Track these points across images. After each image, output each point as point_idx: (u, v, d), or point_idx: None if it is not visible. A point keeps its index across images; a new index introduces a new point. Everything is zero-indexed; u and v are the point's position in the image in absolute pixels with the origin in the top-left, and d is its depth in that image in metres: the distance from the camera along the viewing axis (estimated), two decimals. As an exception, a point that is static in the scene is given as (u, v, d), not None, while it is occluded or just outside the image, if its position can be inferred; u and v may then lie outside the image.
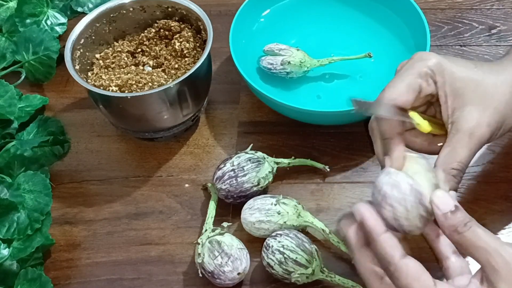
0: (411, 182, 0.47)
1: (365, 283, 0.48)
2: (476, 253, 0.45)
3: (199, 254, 0.60)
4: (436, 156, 0.53)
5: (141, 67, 0.73)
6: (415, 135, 0.54)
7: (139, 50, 0.75)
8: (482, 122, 0.51)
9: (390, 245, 0.46)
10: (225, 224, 0.62)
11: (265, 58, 0.74)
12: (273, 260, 0.58)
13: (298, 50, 0.74)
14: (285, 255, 0.57)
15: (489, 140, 0.52)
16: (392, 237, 0.47)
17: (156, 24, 0.75)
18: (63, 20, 0.85)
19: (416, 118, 0.52)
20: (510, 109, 0.52)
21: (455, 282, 0.49)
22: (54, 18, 0.84)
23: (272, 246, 0.58)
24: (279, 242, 0.58)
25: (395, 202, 0.47)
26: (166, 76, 0.71)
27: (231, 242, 0.60)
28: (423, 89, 0.52)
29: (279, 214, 0.61)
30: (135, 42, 0.76)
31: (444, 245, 0.51)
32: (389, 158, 0.51)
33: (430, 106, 0.55)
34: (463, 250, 0.46)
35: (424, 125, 0.52)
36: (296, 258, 0.57)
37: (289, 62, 0.73)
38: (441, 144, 0.53)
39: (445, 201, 0.46)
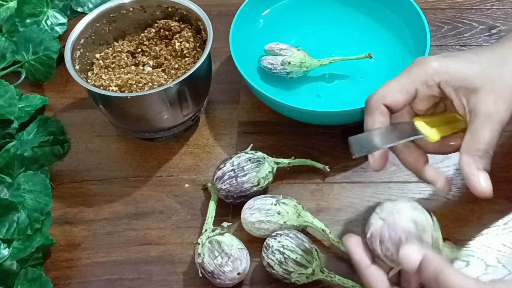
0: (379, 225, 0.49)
1: None
2: None
3: (199, 254, 0.60)
4: (449, 155, 0.53)
5: (141, 67, 0.73)
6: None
7: (139, 50, 0.75)
8: (498, 102, 0.50)
9: (375, 279, 0.48)
10: (225, 224, 0.62)
11: (266, 58, 0.74)
12: (273, 260, 0.58)
13: (298, 50, 0.74)
14: (285, 255, 0.57)
15: (509, 119, 0.52)
16: (377, 271, 0.48)
17: (156, 24, 0.75)
18: (63, 20, 0.85)
19: (423, 129, 0.52)
20: None
21: None
22: (54, 18, 0.84)
23: (272, 246, 0.58)
24: (279, 242, 0.58)
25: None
26: (166, 76, 0.71)
27: (231, 242, 0.60)
28: (420, 92, 0.52)
29: (279, 214, 0.61)
30: (135, 42, 0.76)
31: None
32: (371, 156, 0.53)
33: (438, 104, 0.55)
34: None
35: (432, 135, 0.52)
36: (296, 258, 0.57)
37: (289, 62, 0.73)
38: (453, 143, 0.53)
39: (409, 258, 0.45)
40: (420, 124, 0.52)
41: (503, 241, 0.62)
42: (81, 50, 0.71)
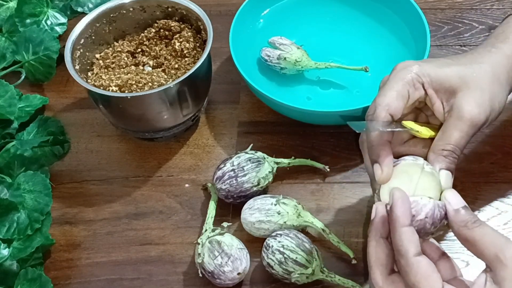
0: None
1: (369, 269, 0.48)
2: (485, 248, 0.46)
3: (199, 254, 0.60)
4: None
5: (141, 67, 0.73)
6: (414, 144, 0.55)
7: (139, 50, 0.75)
8: (471, 103, 0.52)
9: (408, 239, 0.47)
10: (225, 224, 0.62)
11: (265, 49, 0.75)
12: (273, 260, 0.58)
13: (299, 48, 0.74)
14: (285, 255, 0.57)
15: (484, 122, 0.53)
16: (413, 232, 0.47)
17: (156, 24, 0.75)
18: (63, 20, 0.85)
19: (414, 126, 0.53)
20: (495, 88, 0.54)
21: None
22: (54, 18, 0.84)
23: (272, 246, 0.58)
24: (279, 242, 0.58)
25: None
26: (166, 76, 0.71)
27: (231, 242, 0.60)
28: (410, 94, 0.54)
29: (279, 214, 0.61)
30: (135, 42, 0.76)
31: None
32: (379, 166, 0.51)
33: (420, 113, 0.57)
34: (471, 246, 0.47)
35: (424, 131, 0.53)
36: (296, 258, 0.57)
37: (285, 58, 0.73)
38: None
39: (457, 198, 0.48)
40: (411, 123, 0.53)
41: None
42: (81, 50, 0.71)
